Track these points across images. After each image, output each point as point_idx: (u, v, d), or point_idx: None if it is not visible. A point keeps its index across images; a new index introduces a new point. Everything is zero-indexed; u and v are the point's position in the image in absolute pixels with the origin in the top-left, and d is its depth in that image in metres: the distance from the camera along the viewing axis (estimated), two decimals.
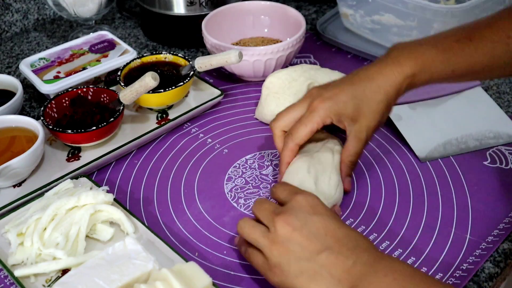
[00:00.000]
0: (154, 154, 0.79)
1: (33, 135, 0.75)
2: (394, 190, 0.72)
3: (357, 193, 0.72)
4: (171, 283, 0.54)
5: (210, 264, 0.64)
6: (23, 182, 0.73)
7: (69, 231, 0.64)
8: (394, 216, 0.69)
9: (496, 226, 0.67)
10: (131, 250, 0.59)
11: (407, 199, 0.71)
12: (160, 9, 0.99)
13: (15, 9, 1.07)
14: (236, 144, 0.80)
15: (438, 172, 0.74)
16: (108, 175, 0.76)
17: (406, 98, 0.81)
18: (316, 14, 1.12)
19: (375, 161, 0.76)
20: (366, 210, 0.69)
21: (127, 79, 0.84)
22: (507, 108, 0.84)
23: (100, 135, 0.76)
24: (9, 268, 0.61)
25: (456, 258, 0.63)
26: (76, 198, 0.65)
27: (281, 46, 0.86)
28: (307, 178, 0.66)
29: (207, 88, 0.88)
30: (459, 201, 0.70)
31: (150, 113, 0.84)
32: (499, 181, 0.73)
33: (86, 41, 0.93)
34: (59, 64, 0.88)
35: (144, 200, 0.72)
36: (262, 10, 0.98)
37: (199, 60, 0.82)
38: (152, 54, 0.88)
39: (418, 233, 0.66)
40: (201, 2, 0.97)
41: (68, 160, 0.76)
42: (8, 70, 1.00)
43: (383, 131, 0.81)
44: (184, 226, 0.69)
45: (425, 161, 0.75)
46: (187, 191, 0.73)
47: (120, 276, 0.56)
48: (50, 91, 0.83)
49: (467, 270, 0.62)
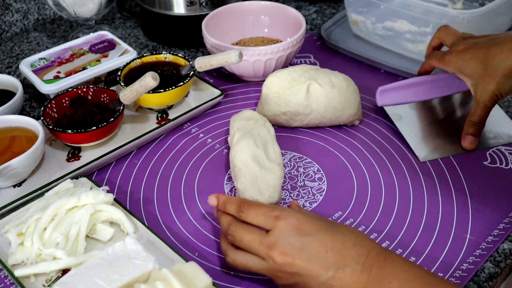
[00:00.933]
0: (154, 154, 0.79)
1: (33, 135, 0.75)
2: (394, 190, 0.72)
3: (357, 193, 0.72)
4: (171, 283, 0.54)
5: (210, 264, 0.64)
6: (23, 182, 0.73)
7: (69, 231, 0.64)
8: (394, 216, 0.69)
9: (496, 226, 0.67)
10: (131, 250, 0.59)
11: (407, 199, 0.71)
12: (160, 9, 0.99)
13: (15, 9, 1.07)
14: None
15: (438, 172, 0.74)
16: (108, 175, 0.76)
17: (406, 98, 0.82)
18: (316, 14, 1.12)
19: (375, 161, 0.76)
20: (366, 210, 0.69)
21: (127, 79, 0.84)
22: (507, 108, 0.84)
23: (100, 135, 0.76)
24: (9, 268, 0.61)
25: (456, 258, 0.63)
26: (76, 198, 0.65)
27: (281, 46, 0.86)
28: (258, 150, 0.69)
29: (207, 88, 0.88)
30: (459, 201, 0.70)
31: (150, 113, 0.84)
32: (499, 181, 0.73)
33: (86, 41, 0.93)
34: (59, 64, 0.88)
35: (144, 200, 0.72)
36: (262, 10, 0.98)
37: (199, 60, 0.82)
38: (152, 54, 0.88)
39: (418, 233, 0.66)
40: (201, 2, 0.97)
41: (68, 160, 0.76)
42: (8, 70, 1.00)
43: (383, 131, 0.81)
44: (184, 226, 0.69)
45: (425, 160, 0.75)
46: (187, 191, 0.73)
47: (120, 276, 0.56)
48: (50, 91, 0.83)
49: (467, 270, 0.62)
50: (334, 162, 0.76)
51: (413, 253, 0.64)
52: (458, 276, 0.61)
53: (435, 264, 0.63)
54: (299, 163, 0.77)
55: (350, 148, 0.79)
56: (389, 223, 0.68)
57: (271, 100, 0.80)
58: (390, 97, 0.82)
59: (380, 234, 0.66)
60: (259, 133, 0.73)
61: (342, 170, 0.75)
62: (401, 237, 0.66)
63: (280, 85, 0.80)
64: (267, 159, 0.69)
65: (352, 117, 0.81)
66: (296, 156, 0.78)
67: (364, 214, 0.69)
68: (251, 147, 0.70)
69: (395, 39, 0.95)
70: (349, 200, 0.71)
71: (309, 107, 0.79)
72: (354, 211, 0.70)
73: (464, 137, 0.75)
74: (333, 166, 0.76)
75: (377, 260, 0.54)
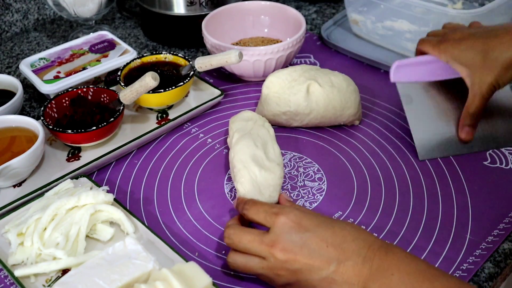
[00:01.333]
0: (154, 154, 0.79)
1: (33, 135, 0.75)
2: (394, 190, 0.72)
3: (357, 193, 0.72)
4: (171, 283, 0.54)
5: (210, 264, 0.64)
6: (23, 182, 0.73)
7: (69, 231, 0.64)
8: (394, 216, 0.69)
9: (496, 226, 0.67)
10: (131, 250, 0.59)
11: (407, 199, 0.71)
12: (160, 9, 0.99)
13: (15, 9, 1.07)
14: None
15: (438, 172, 0.74)
16: (108, 175, 0.76)
17: (422, 76, 0.77)
18: (316, 14, 1.12)
19: (375, 161, 0.76)
20: (366, 210, 0.69)
21: (127, 79, 0.84)
22: None
23: (100, 135, 0.76)
24: (9, 268, 0.61)
25: (456, 258, 0.63)
26: (76, 198, 0.65)
27: (281, 46, 0.86)
28: (257, 150, 0.69)
29: (207, 88, 0.88)
30: (459, 201, 0.70)
31: (150, 113, 0.84)
32: (499, 181, 0.73)
33: (86, 41, 0.93)
34: (59, 64, 0.88)
35: (144, 200, 0.72)
36: (262, 10, 0.98)
37: (199, 60, 0.82)
38: (152, 54, 0.88)
39: (418, 233, 0.66)
40: (201, 2, 0.97)
41: (68, 160, 0.76)
42: (8, 70, 1.00)
43: (383, 131, 0.81)
44: (184, 226, 0.69)
45: (424, 159, 0.75)
46: (187, 191, 0.73)
47: (120, 276, 0.56)
48: (50, 91, 0.83)
49: (467, 270, 0.62)
50: (334, 162, 0.76)
51: (413, 253, 0.63)
52: (458, 276, 0.61)
53: (435, 264, 0.63)
54: (299, 163, 0.77)
55: (350, 148, 0.79)
56: (389, 223, 0.68)
57: (271, 100, 0.80)
58: (406, 73, 0.77)
59: (380, 234, 0.66)
60: (258, 134, 0.73)
61: (342, 170, 0.75)
62: (401, 237, 0.66)
63: (280, 85, 0.80)
64: (267, 159, 0.69)
65: (352, 117, 0.81)
66: (296, 156, 0.78)
67: (364, 214, 0.69)
68: (250, 148, 0.70)
69: (395, 38, 0.95)
70: (349, 200, 0.71)
71: (309, 107, 0.79)
72: (354, 211, 0.70)
73: (462, 128, 0.74)
74: (333, 166, 0.76)
75: (378, 253, 0.54)
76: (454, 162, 0.76)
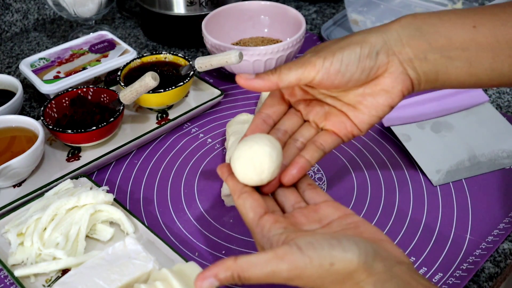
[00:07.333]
0: (154, 154, 0.79)
1: (33, 135, 0.75)
2: (394, 190, 0.72)
3: (357, 193, 0.72)
4: (171, 283, 0.54)
5: (210, 264, 0.64)
6: (23, 182, 0.73)
7: (69, 231, 0.64)
8: (394, 216, 0.69)
9: (496, 226, 0.67)
10: (131, 250, 0.59)
11: (407, 199, 0.71)
12: (160, 9, 0.99)
13: (15, 9, 1.07)
14: None
15: None
16: (108, 175, 0.76)
17: (414, 118, 0.79)
18: (316, 14, 1.12)
19: (375, 161, 0.76)
20: (366, 210, 0.69)
21: (127, 79, 0.84)
22: (507, 108, 0.84)
23: (100, 135, 0.76)
24: (9, 268, 0.61)
25: (456, 258, 0.63)
26: (76, 198, 0.65)
27: (281, 46, 0.86)
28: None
29: (207, 88, 0.88)
30: (459, 201, 0.70)
31: (150, 113, 0.84)
32: (499, 181, 0.73)
33: (86, 41, 0.93)
34: (59, 64, 0.88)
35: (144, 200, 0.72)
36: (262, 10, 0.98)
37: (199, 60, 0.82)
38: (152, 54, 0.88)
39: (418, 233, 0.66)
40: (201, 2, 0.97)
41: (68, 160, 0.76)
42: (8, 70, 1.00)
43: (383, 131, 0.81)
44: (184, 226, 0.69)
45: (438, 184, 0.72)
46: (187, 191, 0.73)
47: (120, 276, 0.56)
48: (50, 91, 0.83)
49: (467, 270, 0.62)
50: (334, 162, 0.76)
51: (413, 253, 0.64)
52: (458, 276, 0.61)
53: (435, 264, 0.63)
54: None
55: (350, 148, 0.79)
56: (389, 223, 0.68)
57: None
58: (397, 116, 0.79)
59: None
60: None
61: (342, 170, 0.75)
62: (401, 237, 0.66)
63: None
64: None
65: None
66: None
67: (364, 214, 0.69)
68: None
69: None
70: (349, 200, 0.71)
71: None
72: (354, 211, 0.69)
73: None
74: (333, 166, 0.76)
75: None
76: None
